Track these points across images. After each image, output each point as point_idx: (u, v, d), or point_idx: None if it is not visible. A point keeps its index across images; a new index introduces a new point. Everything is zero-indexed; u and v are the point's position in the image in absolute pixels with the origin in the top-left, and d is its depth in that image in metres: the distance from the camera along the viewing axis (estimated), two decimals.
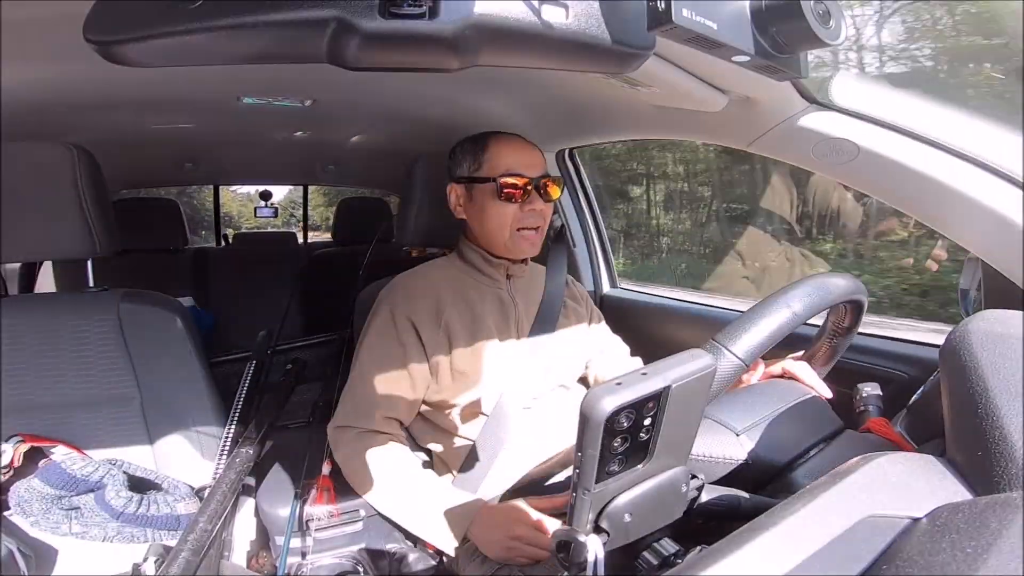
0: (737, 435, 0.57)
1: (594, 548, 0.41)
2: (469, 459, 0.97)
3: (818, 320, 0.70)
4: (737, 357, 0.56)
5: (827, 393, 0.71)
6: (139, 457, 1.04)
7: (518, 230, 0.97)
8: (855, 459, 0.42)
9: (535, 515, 0.83)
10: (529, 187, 0.96)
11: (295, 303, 2.62)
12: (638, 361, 1.16)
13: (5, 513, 0.89)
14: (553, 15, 0.46)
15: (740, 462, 0.56)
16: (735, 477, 0.55)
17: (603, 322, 1.17)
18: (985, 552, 0.29)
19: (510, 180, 0.95)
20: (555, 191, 0.99)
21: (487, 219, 0.98)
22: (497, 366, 0.96)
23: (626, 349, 1.17)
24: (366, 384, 0.96)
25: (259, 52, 0.43)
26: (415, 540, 1.09)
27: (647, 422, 0.40)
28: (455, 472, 0.99)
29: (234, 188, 6.02)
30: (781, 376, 0.74)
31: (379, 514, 0.97)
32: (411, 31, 0.42)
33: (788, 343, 0.65)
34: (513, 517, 0.84)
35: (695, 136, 1.04)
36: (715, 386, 0.52)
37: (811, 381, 0.71)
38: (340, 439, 0.96)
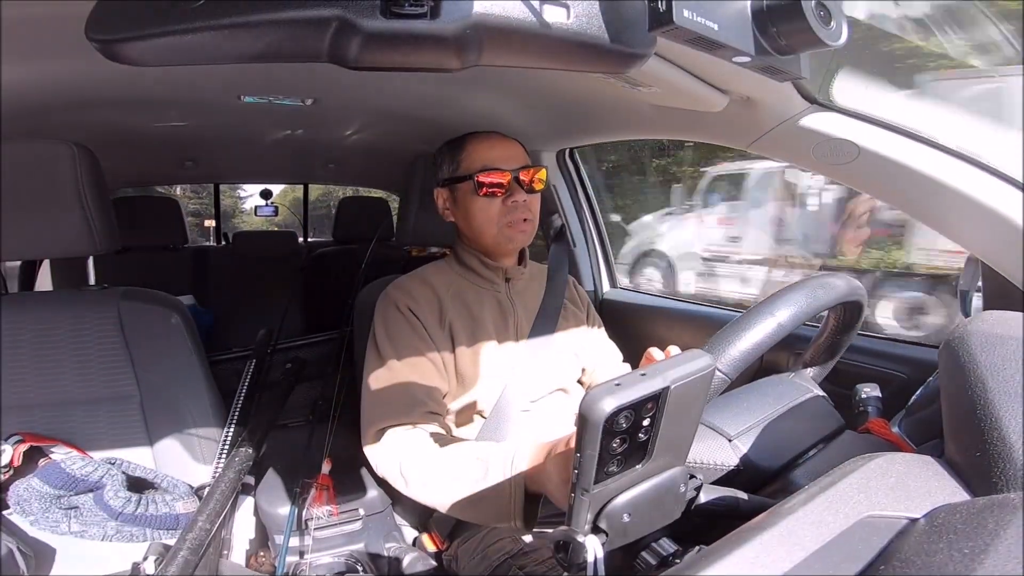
0: (730, 440, 0.56)
1: (593, 548, 0.42)
2: None
3: (817, 320, 0.70)
4: (720, 371, 0.54)
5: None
6: (138, 455, 1.04)
7: (506, 225, 0.96)
8: (853, 459, 0.42)
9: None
10: (508, 181, 0.95)
11: (295, 302, 2.62)
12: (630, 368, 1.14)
13: (5, 512, 0.89)
14: (554, 15, 0.46)
15: (732, 468, 0.55)
16: (728, 483, 0.55)
17: (602, 329, 1.15)
18: (982, 553, 0.29)
19: (487, 175, 0.94)
20: (539, 183, 0.97)
21: (472, 218, 0.97)
22: (496, 369, 0.96)
23: (619, 357, 1.14)
24: (396, 380, 0.89)
25: (260, 51, 0.43)
26: (414, 540, 1.09)
27: (646, 423, 0.40)
28: None
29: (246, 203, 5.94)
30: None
31: (377, 511, 0.96)
32: (412, 31, 0.42)
33: (787, 343, 0.65)
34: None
35: (695, 136, 1.03)
36: None
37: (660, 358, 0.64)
38: (383, 440, 0.85)
